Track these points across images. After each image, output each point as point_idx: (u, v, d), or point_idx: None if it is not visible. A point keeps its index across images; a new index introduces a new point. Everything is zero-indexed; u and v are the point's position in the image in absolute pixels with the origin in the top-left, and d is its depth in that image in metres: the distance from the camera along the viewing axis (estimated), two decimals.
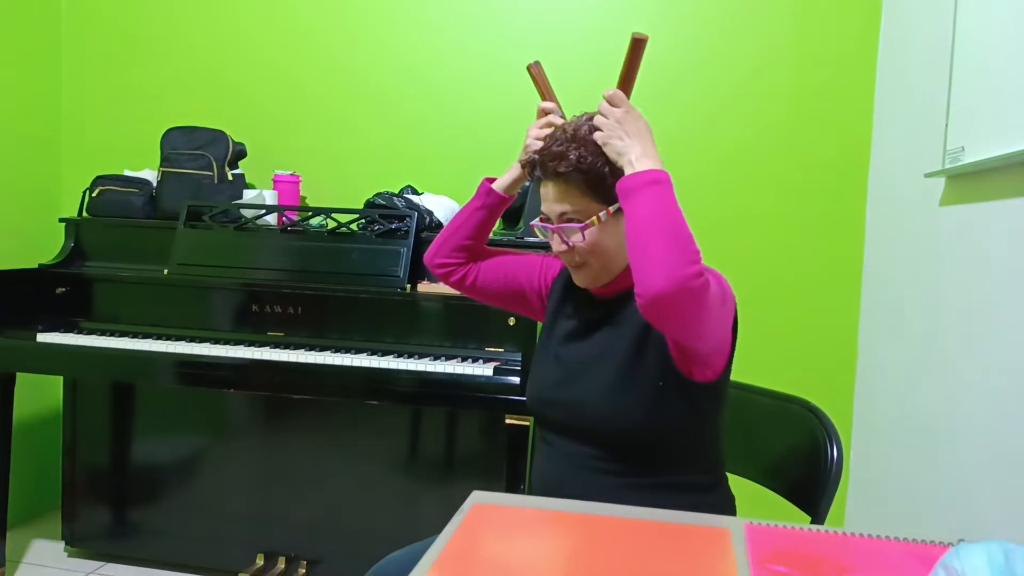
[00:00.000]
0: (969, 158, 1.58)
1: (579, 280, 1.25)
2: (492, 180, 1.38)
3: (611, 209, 1.16)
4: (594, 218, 1.17)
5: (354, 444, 2.27)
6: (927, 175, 1.81)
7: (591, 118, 1.18)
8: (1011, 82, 1.44)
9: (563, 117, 1.26)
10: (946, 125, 1.71)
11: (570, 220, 1.19)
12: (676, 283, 0.98)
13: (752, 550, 0.91)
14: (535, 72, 1.32)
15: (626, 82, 1.19)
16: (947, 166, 1.70)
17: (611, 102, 1.14)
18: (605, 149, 1.13)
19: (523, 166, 1.28)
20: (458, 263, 1.41)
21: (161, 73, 2.77)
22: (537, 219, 1.26)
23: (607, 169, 1.15)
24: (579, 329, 1.28)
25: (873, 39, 2.32)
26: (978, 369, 1.57)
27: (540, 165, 1.20)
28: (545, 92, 1.31)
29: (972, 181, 1.65)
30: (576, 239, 1.19)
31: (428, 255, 1.44)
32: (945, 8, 1.79)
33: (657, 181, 1.05)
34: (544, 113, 1.27)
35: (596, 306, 1.27)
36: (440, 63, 2.58)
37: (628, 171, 1.09)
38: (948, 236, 1.76)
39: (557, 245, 1.22)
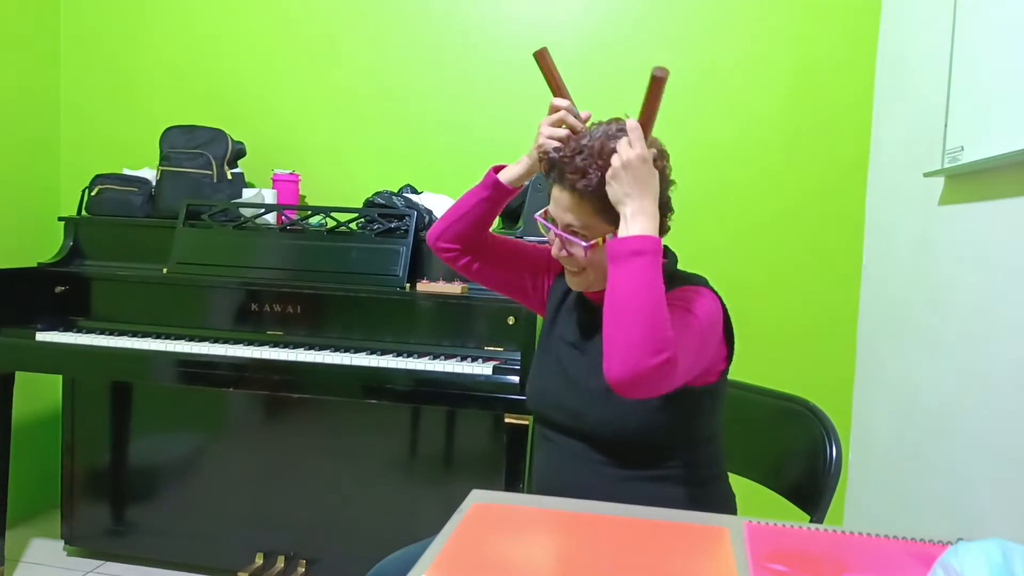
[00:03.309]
0: (968, 157, 1.58)
1: (573, 284, 1.26)
2: (498, 169, 1.33)
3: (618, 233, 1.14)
4: (599, 239, 1.17)
5: (353, 443, 2.27)
6: (926, 174, 1.81)
7: (621, 128, 1.14)
8: (1010, 81, 1.44)
9: (577, 115, 1.21)
10: (945, 124, 1.71)
11: (575, 232, 1.19)
12: (636, 374, 1.00)
13: (751, 549, 0.91)
14: (542, 60, 1.25)
15: (646, 117, 1.13)
16: (946, 165, 1.70)
17: (630, 138, 1.09)
18: (607, 188, 1.11)
19: (540, 161, 1.23)
20: (459, 250, 1.39)
21: (160, 72, 2.76)
22: (541, 212, 1.24)
23: None
24: (578, 333, 1.28)
25: (873, 38, 2.32)
26: (977, 368, 1.57)
27: (559, 171, 1.17)
28: (553, 82, 1.24)
29: (971, 180, 1.65)
30: (576, 253, 1.19)
31: (431, 236, 1.40)
32: (944, 7, 1.79)
33: (642, 252, 1.05)
34: (556, 109, 1.21)
35: (594, 310, 1.27)
36: (439, 62, 2.57)
37: (621, 227, 1.08)
38: (947, 235, 1.76)
39: (557, 250, 1.22)
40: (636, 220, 1.07)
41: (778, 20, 2.37)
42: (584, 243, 1.17)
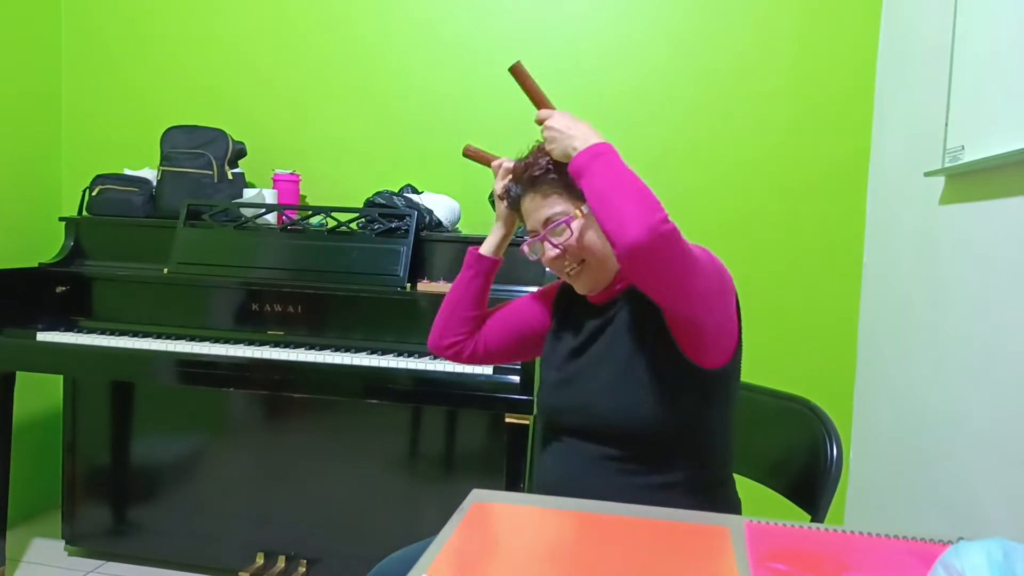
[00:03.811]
0: (969, 157, 1.58)
1: (580, 287, 1.26)
2: (477, 248, 1.39)
3: None
4: (576, 211, 1.20)
5: (354, 443, 2.27)
6: (927, 174, 1.81)
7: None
8: (1011, 81, 1.44)
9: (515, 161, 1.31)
10: (946, 124, 1.71)
11: (555, 223, 1.21)
12: (645, 229, 0.99)
13: (752, 548, 0.91)
14: (473, 154, 1.40)
15: (539, 103, 1.24)
16: (947, 165, 1.70)
17: (541, 120, 1.18)
18: (553, 155, 1.17)
19: (500, 198, 1.32)
20: (466, 335, 1.40)
21: (161, 72, 2.77)
22: (524, 244, 1.26)
23: None
24: (582, 340, 1.28)
25: (873, 38, 2.32)
26: (978, 367, 1.57)
27: (514, 179, 1.25)
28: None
29: (972, 180, 1.65)
30: (565, 237, 1.20)
31: (434, 339, 1.42)
32: (945, 7, 1.79)
33: (601, 153, 1.08)
34: (498, 167, 1.33)
35: (594, 315, 1.27)
36: (440, 62, 2.57)
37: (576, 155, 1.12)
38: (948, 235, 1.76)
39: (549, 252, 1.22)
40: (586, 142, 1.11)
41: (779, 19, 2.37)
42: (564, 219, 1.19)
